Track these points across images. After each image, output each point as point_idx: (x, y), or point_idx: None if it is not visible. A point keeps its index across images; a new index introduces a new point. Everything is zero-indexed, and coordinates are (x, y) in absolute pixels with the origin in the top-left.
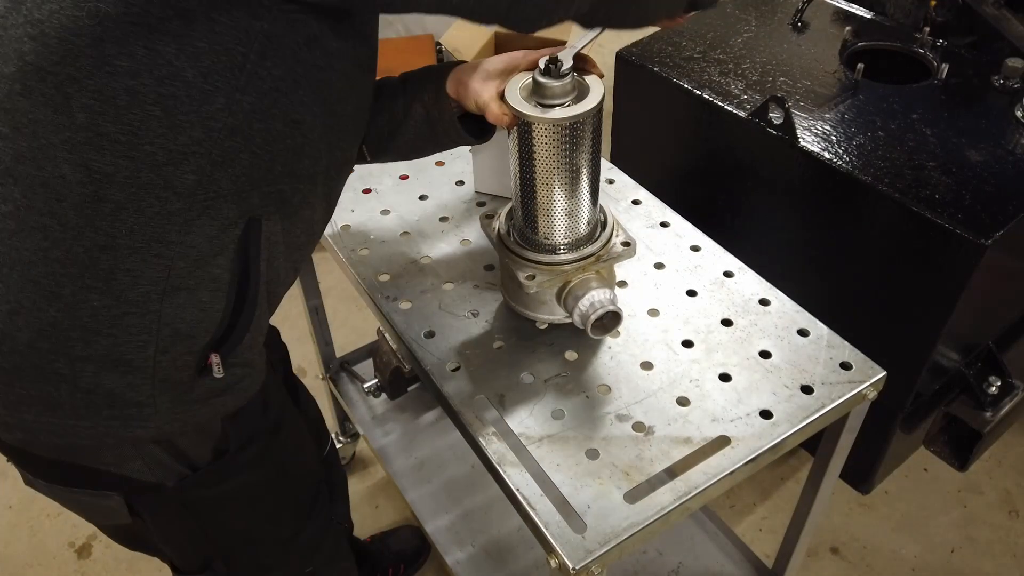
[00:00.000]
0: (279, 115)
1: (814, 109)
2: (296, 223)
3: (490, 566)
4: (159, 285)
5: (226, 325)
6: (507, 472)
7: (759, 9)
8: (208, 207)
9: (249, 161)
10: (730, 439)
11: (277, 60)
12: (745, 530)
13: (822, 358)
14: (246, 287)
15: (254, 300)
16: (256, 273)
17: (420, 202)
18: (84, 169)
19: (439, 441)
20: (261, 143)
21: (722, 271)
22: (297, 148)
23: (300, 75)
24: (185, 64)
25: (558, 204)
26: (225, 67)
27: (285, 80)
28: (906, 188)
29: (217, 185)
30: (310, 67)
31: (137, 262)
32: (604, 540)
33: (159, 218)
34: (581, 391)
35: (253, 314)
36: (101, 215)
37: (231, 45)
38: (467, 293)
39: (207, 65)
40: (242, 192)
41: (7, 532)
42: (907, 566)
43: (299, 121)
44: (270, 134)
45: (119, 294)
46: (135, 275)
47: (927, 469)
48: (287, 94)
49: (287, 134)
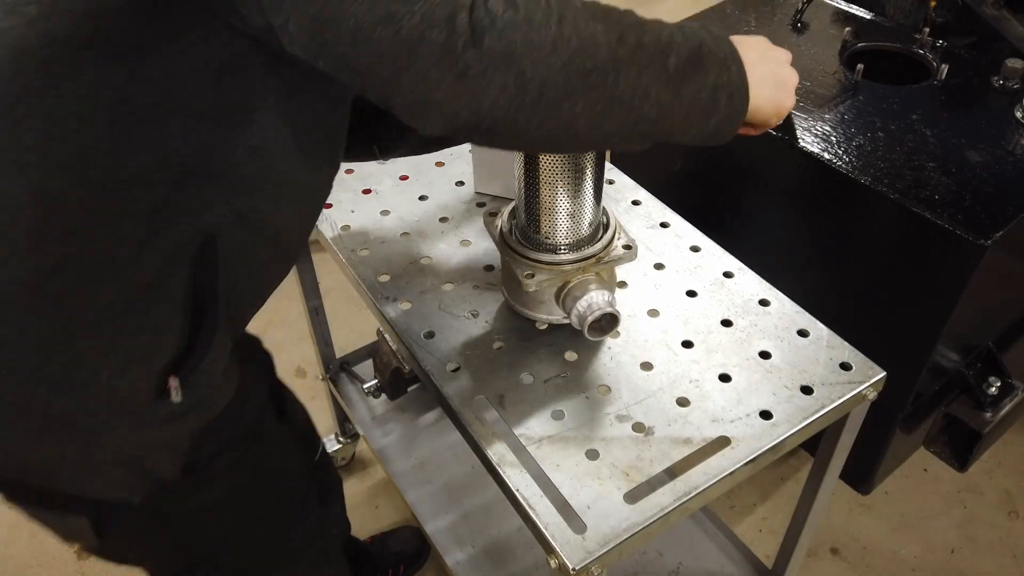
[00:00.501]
0: (237, 141)
1: (814, 110)
2: (258, 242)
3: (490, 567)
4: (111, 308)
5: (184, 347)
6: (507, 473)
7: (759, 10)
8: (161, 228)
9: (205, 184)
10: (730, 440)
11: (235, 87)
12: (745, 530)
13: (822, 359)
14: (203, 307)
15: (213, 321)
16: (213, 294)
17: (420, 202)
18: (33, 191)
19: (439, 442)
20: (219, 168)
21: (722, 272)
22: (257, 173)
23: (258, 102)
24: (137, 90)
25: (561, 203)
26: (178, 94)
27: (243, 107)
28: (906, 188)
29: (171, 208)
30: (269, 94)
31: (88, 285)
32: (604, 541)
33: (110, 241)
34: (581, 391)
35: (212, 335)
36: (50, 238)
37: (186, 72)
38: (467, 293)
39: (159, 92)
40: (197, 212)
41: (7, 533)
42: (907, 567)
43: (258, 147)
44: (228, 160)
45: (70, 317)
46: (86, 298)
47: (927, 469)
48: (244, 120)
49: (246, 159)
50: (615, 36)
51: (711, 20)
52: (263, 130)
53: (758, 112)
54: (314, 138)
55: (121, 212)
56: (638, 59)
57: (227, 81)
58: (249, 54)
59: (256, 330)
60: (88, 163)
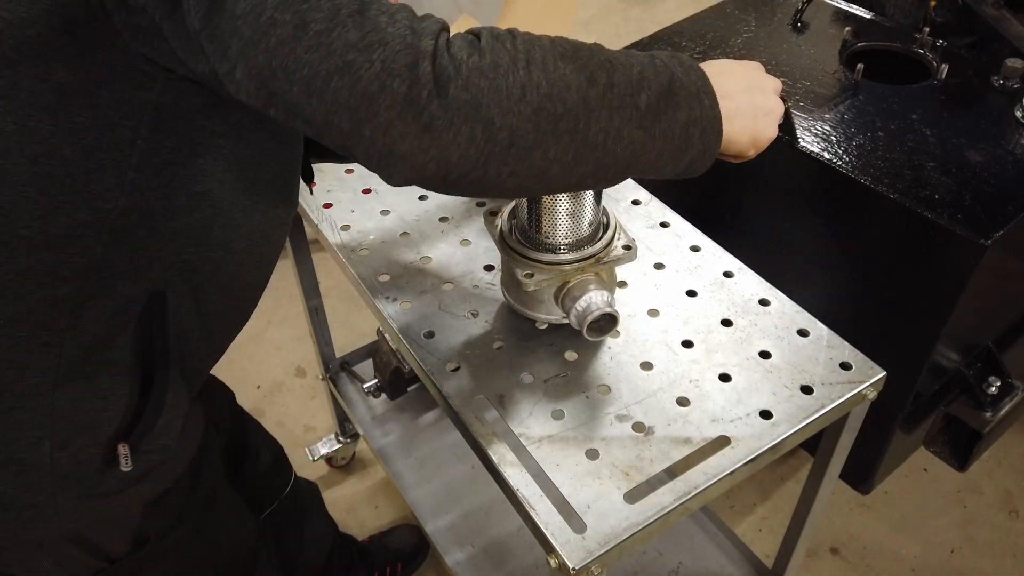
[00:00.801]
0: (179, 188)
1: (814, 109)
2: (211, 292)
3: (490, 566)
4: (49, 376)
5: (134, 411)
6: (507, 472)
7: (759, 10)
8: (100, 288)
9: (147, 236)
10: (730, 439)
11: (171, 131)
12: (745, 530)
13: (822, 358)
14: (153, 368)
15: (164, 381)
16: (164, 353)
17: (420, 202)
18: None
19: (439, 441)
20: (161, 218)
21: (722, 271)
22: (205, 219)
23: (199, 144)
24: (63, 141)
25: (560, 203)
26: (111, 143)
27: (181, 151)
28: (906, 188)
29: (110, 265)
30: (210, 135)
31: (21, 353)
32: (604, 540)
33: (43, 305)
34: (581, 391)
35: (164, 396)
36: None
37: (116, 119)
38: (467, 293)
39: (89, 142)
40: (140, 268)
41: None
42: (907, 566)
43: (204, 192)
44: (171, 209)
45: (3, 388)
46: (20, 367)
47: (927, 469)
48: (186, 165)
49: (191, 207)
50: (585, 77)
51: (712, 20)
52: (207, 175)
53: (732, 144)
54: (264, 177)
55: (52, 272)
56: (609, 100)
57: (165, 127)
58: (189, 97)
59: (256, 330)
60: (10, 222)
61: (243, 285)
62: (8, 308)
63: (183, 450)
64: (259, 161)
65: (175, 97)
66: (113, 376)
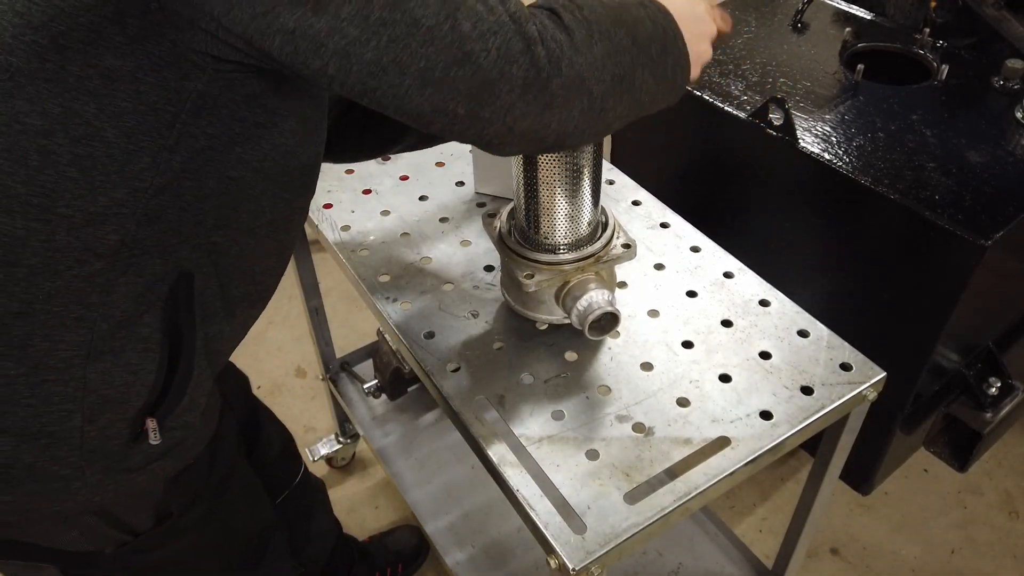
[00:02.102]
0: (213, 173)
1: (814, 110)
2: (235, 275)
3: (490, 567)
4: (82, 350)
5: (161, 387)
6: (507, 473)
7: (759, 10)
8: (131, 265)
9: (177, 216)
10: (730, 440)
11: (212, 119)
12: (745, 531)
13: (822, 359)
14: (180, 346)
15: (190, 359)
16: (190, 330)
17: (420, 203)
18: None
19: (439, 442)
20: (191, 200)
21: (722, 272)
22: (233, 203)
23: (237, 133)
24: (106, 124)
25: (559, 203)
26: (152, 127)
27: (220, 138)
28: (906, 189)
29: (142, 243)
30: (249, 125)
31: (56, 327)
32: (604, 541)
33: (78, 281)
34: (581, 392)
35: (190, 374)
36: (14, 280)
37: (159, 104)
38: (467, 293)
39: (131, 125)
40: (169, 247)
41: None
42: (907, 567)
43: (235, 178)
44: (202, 191)
45: (37, 361)
46: (54, 340)
47: (927, 470)
48: (222, 152)
49: (221, 190)
50: (629, 39)
51: None
52: (243, 163)
53: None
54: (293, 165)
55: (88, 249)
56: (641, 57)
57: (207, 114)
58: (235, 87)
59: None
60: (52, 201)
61: (264, 271)
62: (46, 284)
63: (204, 428)
64: (288, 148)
65: (221, 88)
66: (142, 352)
